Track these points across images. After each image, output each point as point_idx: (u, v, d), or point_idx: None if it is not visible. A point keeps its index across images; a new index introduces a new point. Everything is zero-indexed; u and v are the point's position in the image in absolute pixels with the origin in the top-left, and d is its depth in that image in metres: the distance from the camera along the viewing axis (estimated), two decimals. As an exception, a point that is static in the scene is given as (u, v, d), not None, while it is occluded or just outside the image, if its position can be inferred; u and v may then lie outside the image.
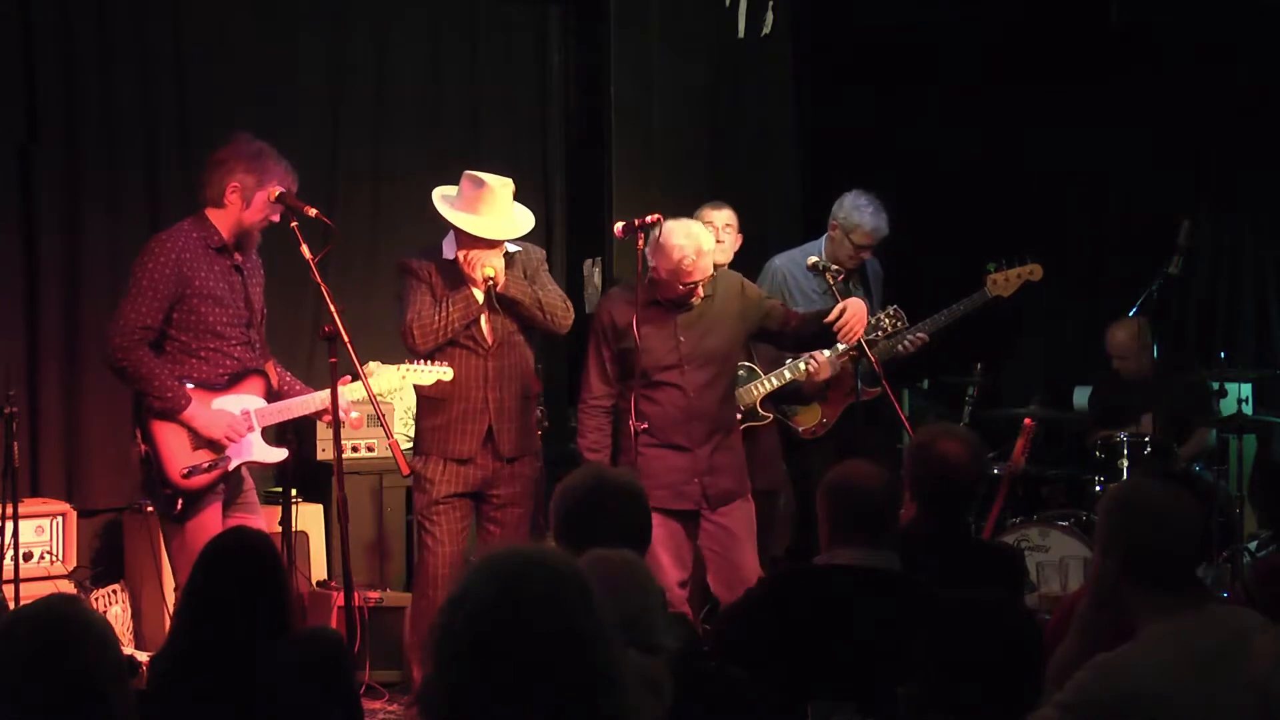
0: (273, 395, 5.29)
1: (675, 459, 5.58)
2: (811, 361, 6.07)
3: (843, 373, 6.37)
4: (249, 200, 5.16)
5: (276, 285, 5.96)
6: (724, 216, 6.48)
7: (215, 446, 5.14)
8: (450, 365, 5.55)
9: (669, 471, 5.56)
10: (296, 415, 5.33)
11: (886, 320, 5.90)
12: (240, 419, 5.16)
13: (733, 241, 6.49)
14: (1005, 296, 6.39)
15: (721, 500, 5.62)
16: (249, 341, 5.27)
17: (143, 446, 5.13)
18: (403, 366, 5.39)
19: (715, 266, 5.80)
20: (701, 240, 5.47)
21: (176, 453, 5.10)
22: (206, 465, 5.11)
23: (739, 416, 5.97)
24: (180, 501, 5.10)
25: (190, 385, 5.12)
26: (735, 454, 5.71)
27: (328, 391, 5.11)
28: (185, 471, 5.08)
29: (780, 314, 5.69)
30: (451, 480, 5.55)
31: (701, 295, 5.57)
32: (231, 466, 5.17)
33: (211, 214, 5.20)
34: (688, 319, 5.60)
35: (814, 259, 6.03)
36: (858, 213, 6.49)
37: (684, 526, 5.60)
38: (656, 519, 5.44)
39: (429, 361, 5.43)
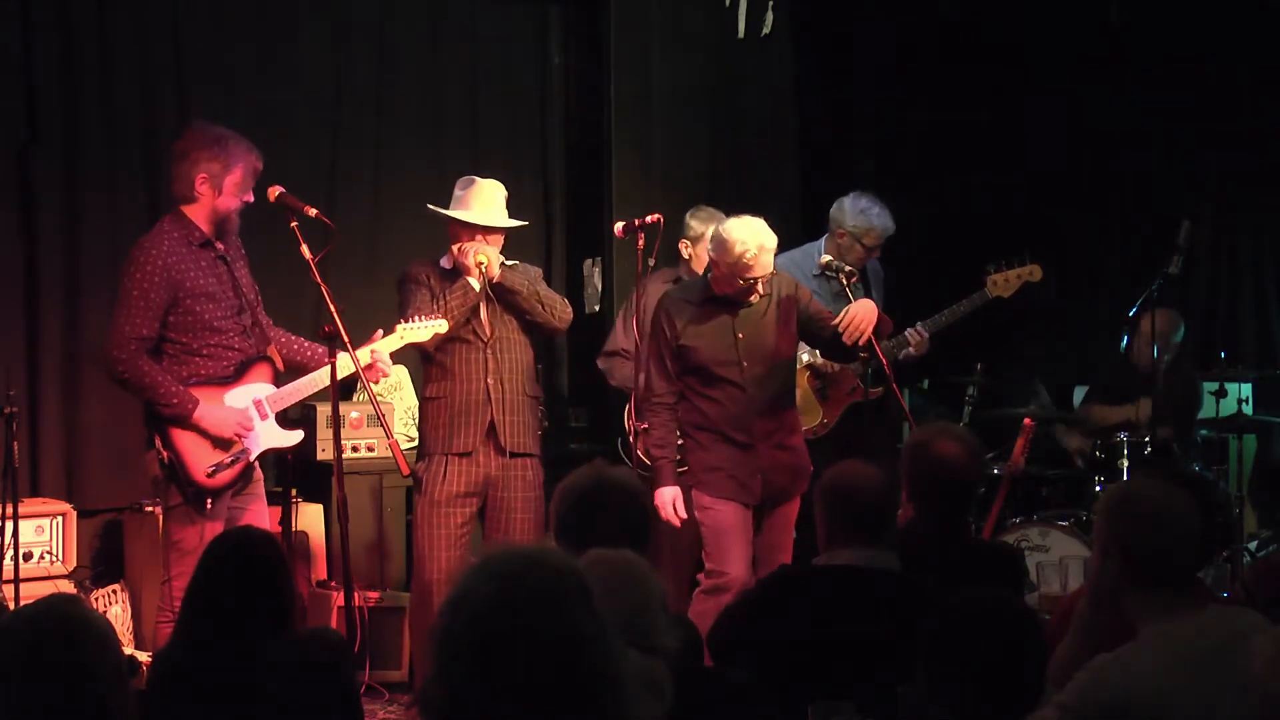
0: (280, 379, 5.29)
1: (738, 454, 5.55)
2: None
3: (842, 373, 6.39)
4: (219, 188, 5.12)
5: (277, 285, 5.97)
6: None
7: (231, 442, 5.15)
8: (450, 360, 5.60)
9: (735, 465, 5.54)
10: (308, 394, 5.34)
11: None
12: (248, 413, 5.16)
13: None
14: (1005, 297, 6.39)
15: (776, 498, 5.60)
16: (245, 329, 5.26)
17: (164, 453, 5.10)
18: (400, 326, 5.42)
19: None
20: (764, 237, 5.45)
21: (197, 453, 5.09)
22: (229, 460, 5.11)
23: None
24: (210, 500, 5.09)
25: (198, 384, 5.11)
26: (794, 454, 5.67)
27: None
28: (210, 471, 5.08)
29: (822, 322, 5.66)
30: (454, 481, 5.57)
31: (761, 293, 5.55)
32: (253, 457, 5.18)
33: (187, 209, 5.15)
34: (745, 316, 5.58)
35: (827, 258, 6.02)
36: (865, 216, 6.50)
37: (750, 519, 5.56)
38: (732, 508, 5.47)
39: (421, 316, 5.44)
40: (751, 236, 5.42)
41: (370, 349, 5.27)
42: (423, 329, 5.45)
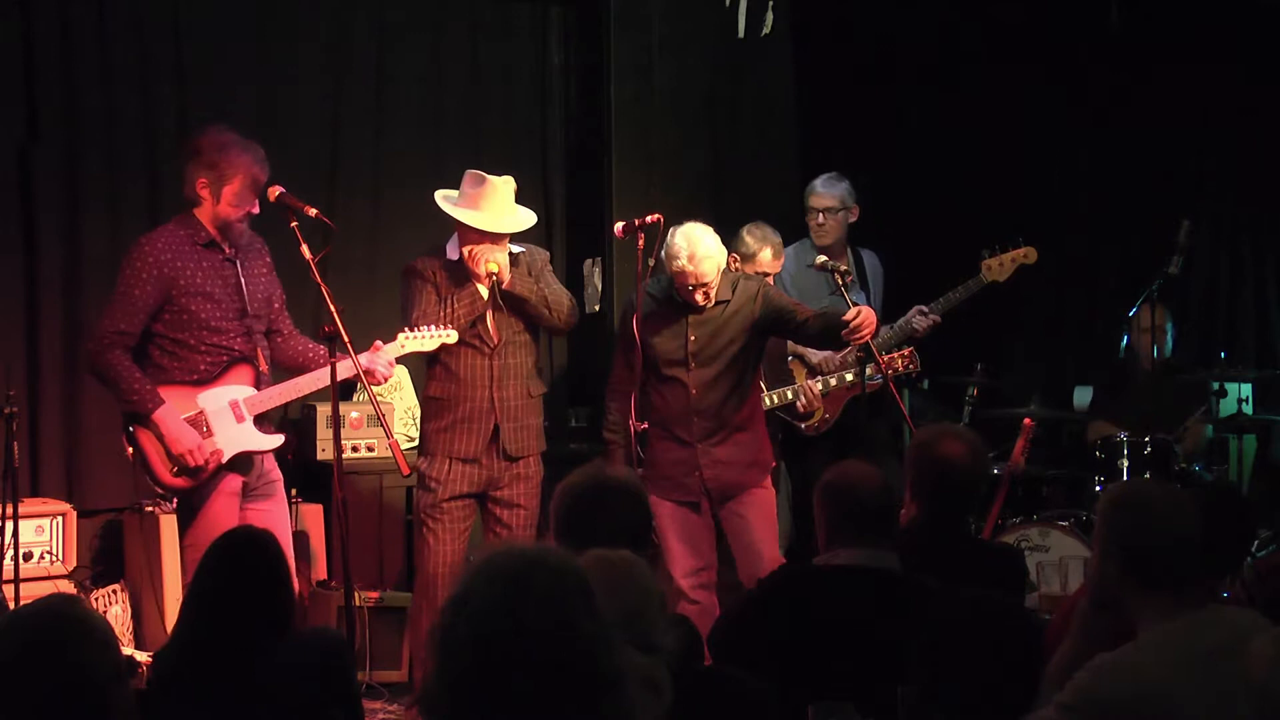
0: (263, 382, 5.27)
1: (677, 451, 5.69)
2: (800, 399, 6.29)
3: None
4: (218, 195, 5.14)
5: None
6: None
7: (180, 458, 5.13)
8: (455, 364, 5.57)
9: (672, 464, 5.69)
10: (291, 399, 5.33)
11: (900, 361, 6.07)
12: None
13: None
14: (1001, 281, 6.43)
15: (725, 494, 5.69)
16: (248, 331, 5.25)
17: (129, 449, 5.14)
18: (403, 335, 5.39)
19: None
20: (698, 246, 5.51)
21: (162, 451, 5.11)
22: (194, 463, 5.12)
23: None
24: (175, 500, 5.14)
25: (173, 384, 5.11)
26: (743, 449, 5.74)
27: (321, 372, 5.15)
28: (174, 470, 5.10)
29: (793, 315, 5.70)
30: (456, 480, 5.57)
31: (711, 299, 5.61)
32: (225, 459, 5.15)
33: (196, 211, 5.18)
34: (699, 319, 5.66)
35: (822, 259, 6.05)
36: (812, 184, 6.74)
37: (697, 515, 5.68)
38: (667, 507, 5.58)
39: (429, 327, 5.43)
40: (686, 245, 5.52)
41: (370, 355, 5.26)
42: (429, 338, 5.42)
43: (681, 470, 5.68)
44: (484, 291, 5.52)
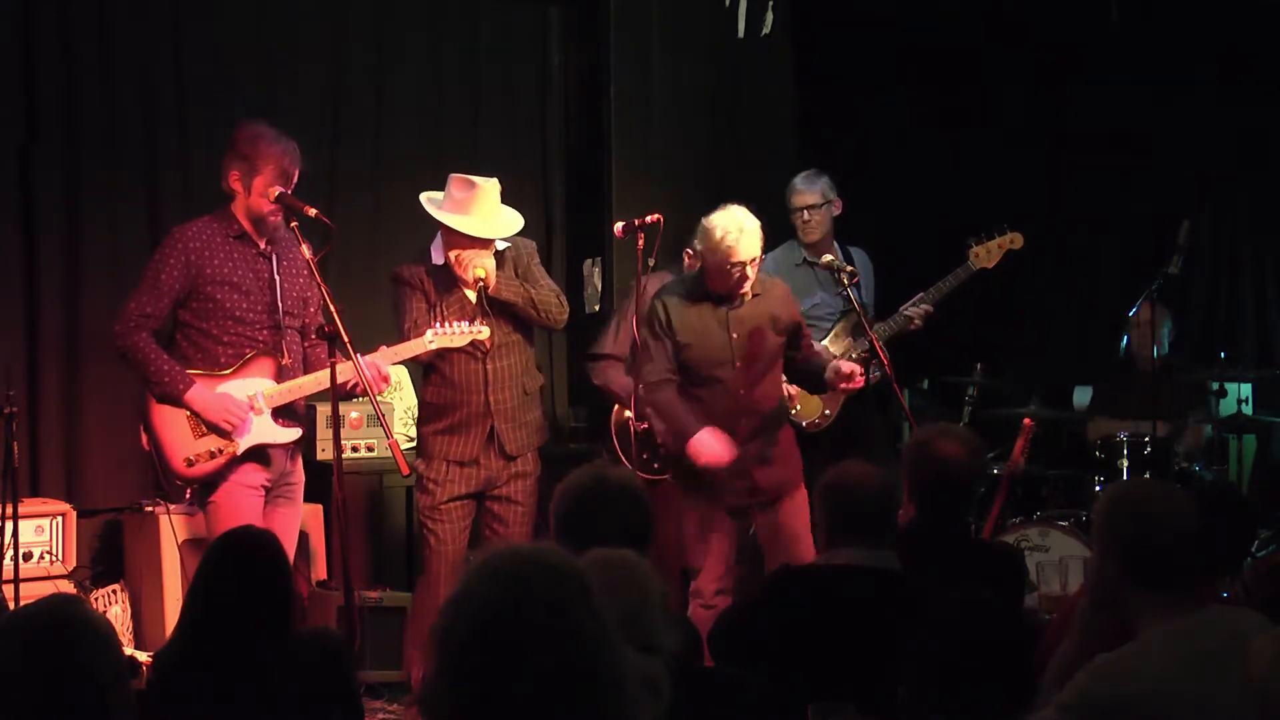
0: (285, 376, 5.28)
1: None
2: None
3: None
4: (249, 188, 5.18)
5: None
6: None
7: (220, 432, 5.15)
8: (450, 369, 5.57)
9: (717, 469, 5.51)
10: (309, 393, 5.33)
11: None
12: (242, 403, 5.16)
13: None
14: (990, 267, 6.48)
15: (774, 493, 5.57)
16: (277, 326, 5.27)
17: (144, 437, 5.18)
18: (430, 332, 5.38)
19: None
20: (744, 220, 5.41)
21: (179, 442, 5.14)
22: (210, 452, 5.13)
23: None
24: (189, 491, 5.20)
25: (198, 374, 5.14)
26: (784, 446, 5.65)
27: (323, 373, 5.12)
28: (187, 460, 5.12)
29: (798, 339, 5.66)
30: (455, 482, 5.58)
31: (752, 290, 5.49)
32: (240, 450, 5.18)
33: (232, 205, 5.24)
34: (738, 314, 5.53)
35: (828, 258, 6.04)
36: (794, 181, 6.78)
37: (736, 521, 5.58)
38: (720, 513, 5.49)
39: (459, 323, 5.40)
40: (731, 221, 5.40)
41: (393, 350, 5.29)
42: (458, 335, 5.38)
43: (726, 471, 5.46)
44: (471, 297, 5.52)
